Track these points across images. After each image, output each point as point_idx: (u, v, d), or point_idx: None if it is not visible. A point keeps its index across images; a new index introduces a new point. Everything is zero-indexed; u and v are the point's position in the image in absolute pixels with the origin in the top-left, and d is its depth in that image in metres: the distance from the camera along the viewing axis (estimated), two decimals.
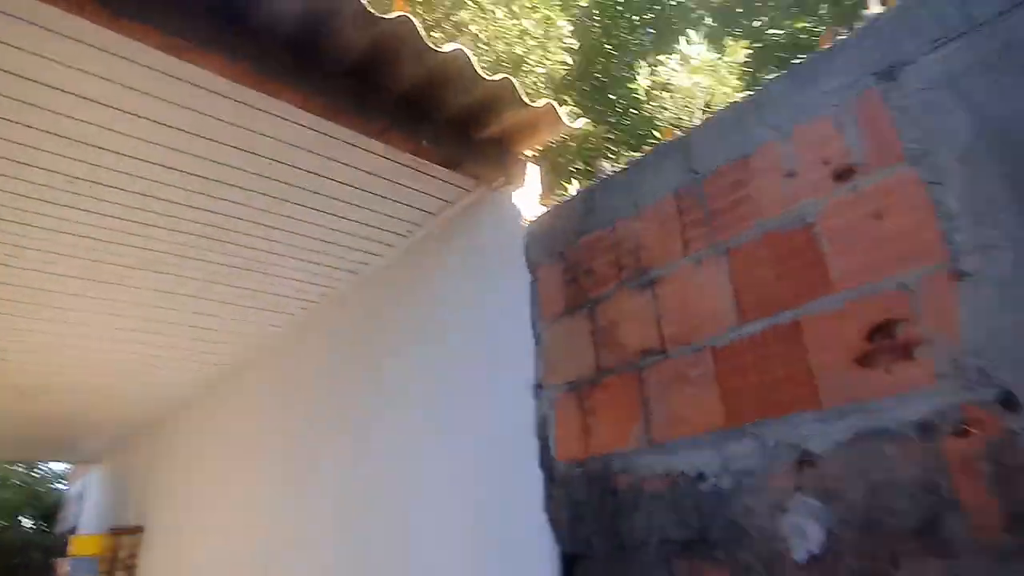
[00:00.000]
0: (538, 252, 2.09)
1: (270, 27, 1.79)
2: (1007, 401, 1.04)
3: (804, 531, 1.21)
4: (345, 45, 1.89)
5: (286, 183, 2.40)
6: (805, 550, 1.20)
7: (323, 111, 1.99)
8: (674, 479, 1.45)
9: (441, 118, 2.21)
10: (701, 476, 1.40)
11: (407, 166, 2.39)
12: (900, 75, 1.30)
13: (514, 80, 2.16)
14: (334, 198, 2.53)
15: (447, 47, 1.99)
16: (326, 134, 2.18)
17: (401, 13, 1.87)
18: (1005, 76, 1.15)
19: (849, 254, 1.30)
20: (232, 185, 2.39)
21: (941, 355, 1.13)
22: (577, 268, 1.92)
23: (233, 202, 2.49)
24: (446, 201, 2.62)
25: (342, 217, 2.67)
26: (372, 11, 1.81)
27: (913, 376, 1.15)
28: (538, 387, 1.88)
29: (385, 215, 2.70)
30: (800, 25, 5.74)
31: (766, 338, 1.39)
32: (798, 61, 1.53)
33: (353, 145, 2.25)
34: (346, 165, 2.36)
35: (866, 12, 1.41)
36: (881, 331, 1.22)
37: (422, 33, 1.91)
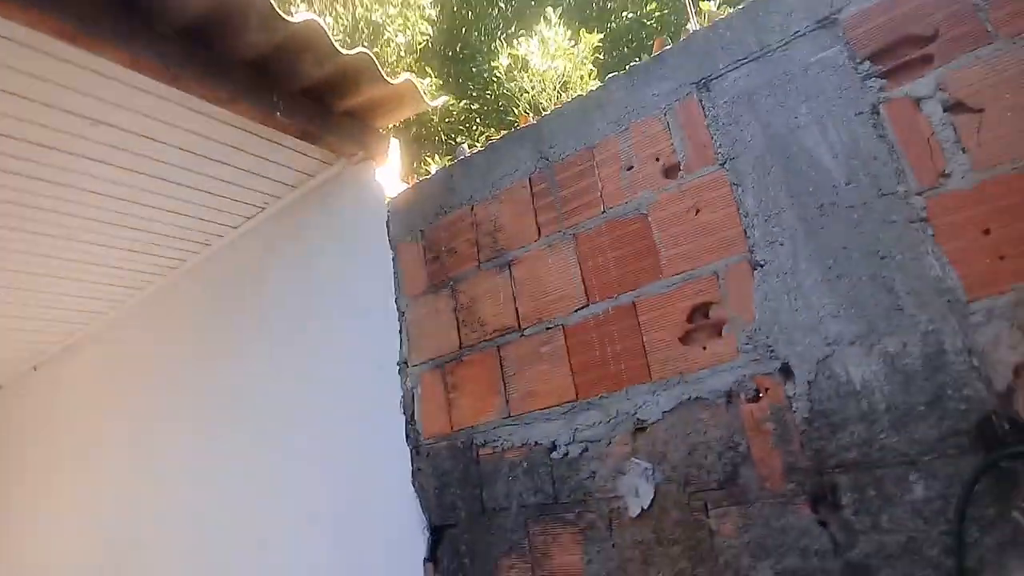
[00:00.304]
0: (399, 229, 2.11)
1: None
2: (785, 371, 1.27)
3: (637, 490, 1.41)
4: (181, 5, 1.75)
5: (125, 150, 2.19)
6: (638, 506, 1.40)
7: (157, 74, 1.83)
8: (530, 448, 1.60)
9: (296, 89, 2.12)
10: (554, 445, 1.56)
11: (263, 137, 2.28)
12: (712, 86, 1.48)
13: (372, 55, 2.11)
14: (182, 167, 2.34)
15: (298, 17, 1.90)
16: (171, 100, 2.00)
17: None
18: (786, 97, 1.36)
19: (675, 244, 1.48)
20: (57, 150, 2.13)
21: (741, 333, 1.35)
22: (438, 246, 1.97)
23: (61, 168, 2.22)
24: (305, 174, 2.53)
25: (191, 187, 2.48)
26: None
27: (722, 351, 1.37)
28: (403, 364, 1.94)
29: (240, 186, 2.54)
30: (651, 8, 6.11)
31: (608, 318, 1.55)
32: (635, 63, 1.66)
33: (202, 113, 2.10)
34: (194, 133, 2.19)
35: (688, 26, 1.56)
36: (699, 312, 1.42)
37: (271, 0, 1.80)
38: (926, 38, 1.26)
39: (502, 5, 6.40)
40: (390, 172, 2.33)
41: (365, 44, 4.54)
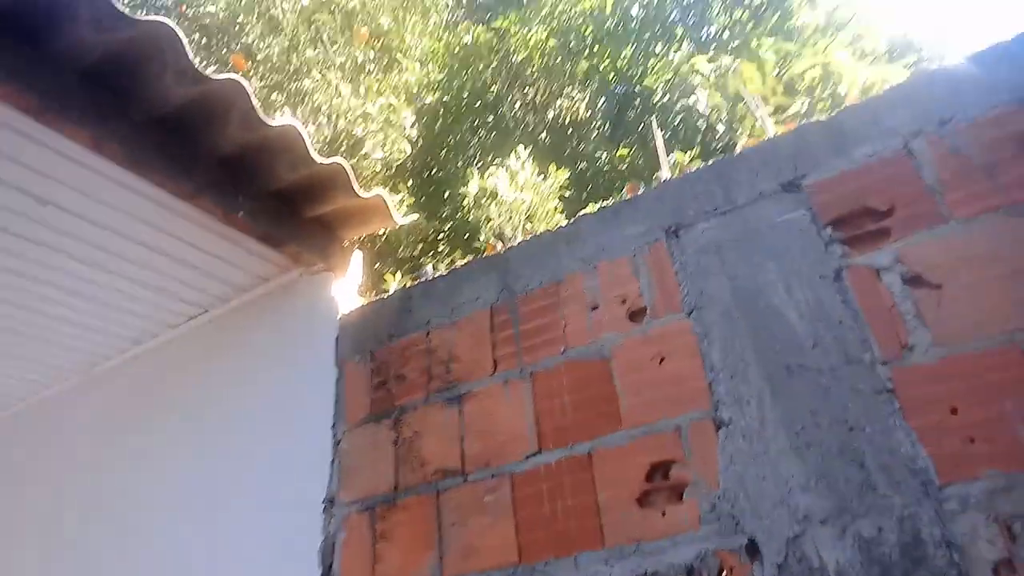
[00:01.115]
0: (349, 348, 1.99)
1: (70, 57, 1.58)
2: (752, 549, 1.15)
3: None
4: (161, 96, 1.73)
5: (69, 234, 2.06)
6: None
7: (121, 160, 1.77)
8: None
9: (265, 190, 2.08)
10: None
11: (221, 236, 2.20)
12: (682, 235, 1.48)
13: (347, 167, 2.11)
14: (127, 259, 2.22)
15: (278, 120, 1.90)
16: (128, 187, 1.92)
17: (230, 76, 1.76)
18: (752, 253, 1.36)
19: (637, 392, 1.40)
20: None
21: (704, 499, 1.23)
22: (387, 371, 1.85)
23: None
24: (260, 278, 2.43)
25: (133, 280, 2.34)
26: (199, 70, 1.69)
27: (682, 519, 1.24)
28: (329, 502, 1.73)
29: (186, 284, 2.41)
30: (621, 154, 6.60)
31: (561, 469, 1.42)
32: (606, 203, 1.68)
33: (158, 203, 2.02)
34: (147, 223, 2.10)
35: (660, 173, 1.61)
36: (659, 471, 1.31)
37: (254, 101, 1.81)
38: (883, 212, 1.30)
39: (481, 134, 6.82)
40: (348, 286, 2.26)
41: (344, 155, 4.67)
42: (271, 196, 2.09)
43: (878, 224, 1.30)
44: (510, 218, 3.62)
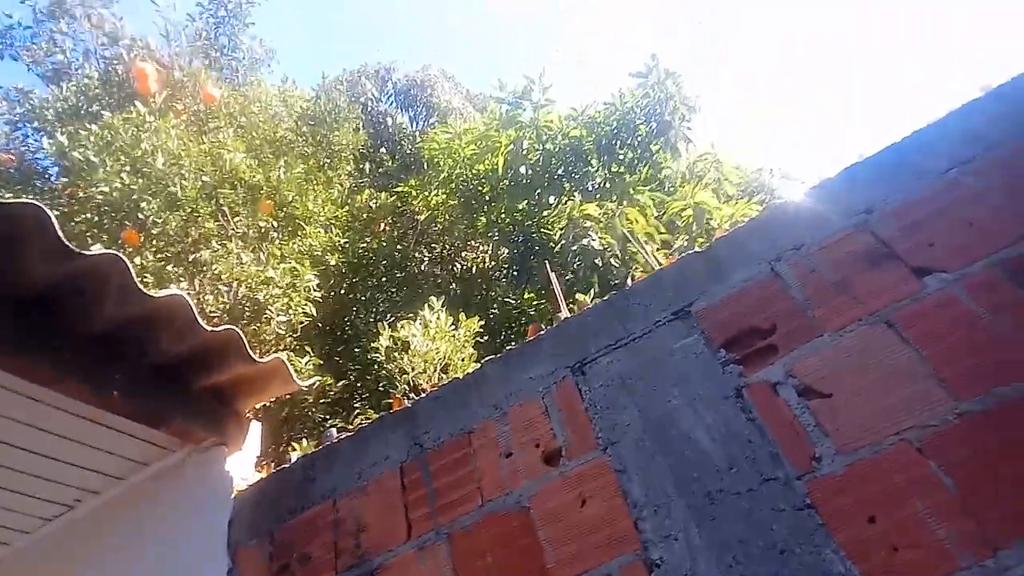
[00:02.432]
0: (244, 532, 1.75)
1: None
2: None
3: None
4: (25, 278, 1.61)
5: None
6: None
7: None
8: None
9: (147, 364, 1.92)
10: None
11: (90, 419, 1.97)
12: (587, 370, 1.49)
13: (239, 331, 2.01)
14: None
15: (162, 292, 1.81)
16: None
17: (106, 251, 1.69)
18: (657, 381, 1.38)
19: (562, 543, 1.30)
20: None
21: None
22: (289, 552, 1.63)
23: None
24: (138, 463, 2.16)
25: None
26: (71, 247, 1.61)
27: None
28: None
29: (46, 480, 2.10)
30: (528, 297, 6.95)
31: None
32: (511, 347, 1.68)
33: (14, 392, 1.80)
34: None
35: (560, 314, 1.65)
36: None
37: (132, 275, 1.72)
38: (767, 330, 1.37)
39: (391, 291, 6.94)
40: (246, 460, 2.05)
41: (246, 321, 4.51)
42: (154, 370, 1.94)
43: (765, 341, 1.37)
44: (424, 370, 3.56)
